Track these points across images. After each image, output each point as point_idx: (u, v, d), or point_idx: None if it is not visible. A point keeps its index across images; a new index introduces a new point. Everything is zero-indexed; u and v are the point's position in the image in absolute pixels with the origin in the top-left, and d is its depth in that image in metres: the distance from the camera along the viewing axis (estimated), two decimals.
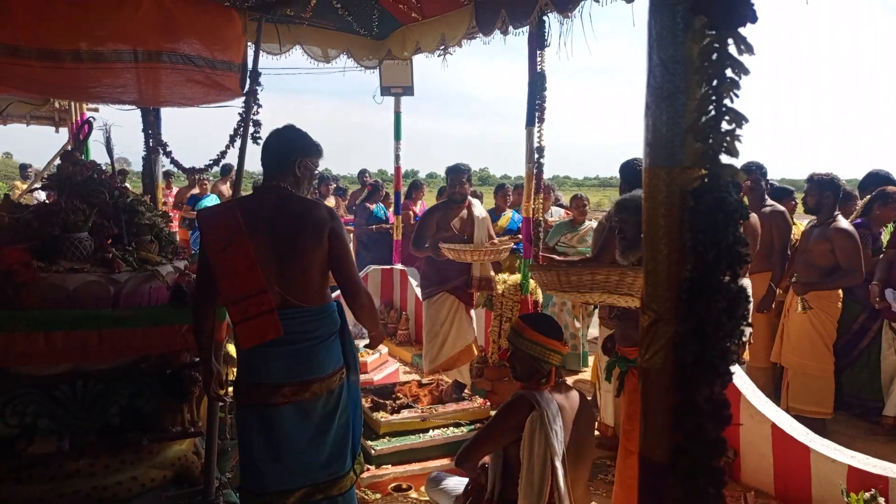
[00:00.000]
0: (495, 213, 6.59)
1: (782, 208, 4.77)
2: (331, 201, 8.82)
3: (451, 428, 3.67)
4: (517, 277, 5.02)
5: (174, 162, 3.75)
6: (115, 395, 2.78)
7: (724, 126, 0.82)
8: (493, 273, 4.84)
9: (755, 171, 4.70)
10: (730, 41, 0.80)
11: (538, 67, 4.81)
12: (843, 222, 4.25)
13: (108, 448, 2.70)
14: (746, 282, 4.55)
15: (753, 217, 4.58)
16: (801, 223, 5.14)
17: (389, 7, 5.92)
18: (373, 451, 3.41)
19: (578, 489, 2.36)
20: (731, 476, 3.54)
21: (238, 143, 3.14)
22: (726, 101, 0.82)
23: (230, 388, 3.83)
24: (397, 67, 6.38)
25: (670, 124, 0.87)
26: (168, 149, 3.82)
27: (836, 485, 2.99)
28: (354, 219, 8.50)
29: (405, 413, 3.67)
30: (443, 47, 5.71)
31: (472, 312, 4.85)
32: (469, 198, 4.75)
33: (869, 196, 4.74)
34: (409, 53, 6.15)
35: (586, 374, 5.56)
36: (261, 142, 3.26)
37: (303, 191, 2.53)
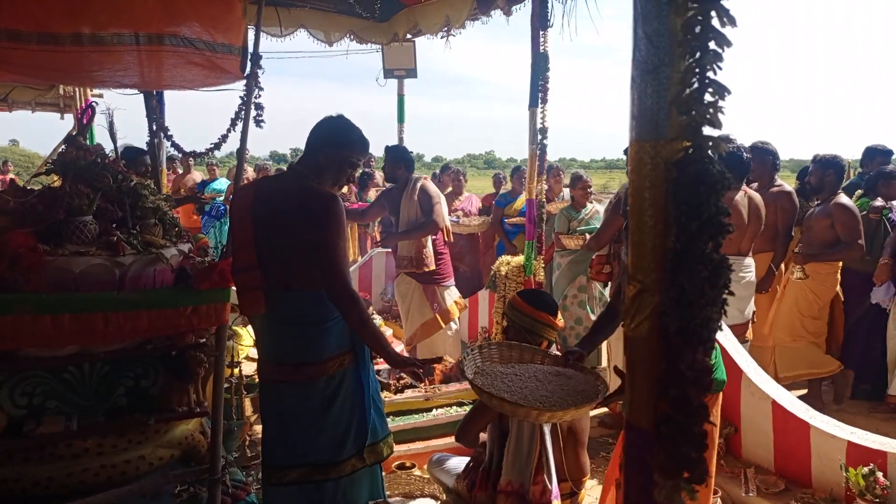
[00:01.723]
0: (510, 196, 6.57)
1: (789, 189, 4.74)
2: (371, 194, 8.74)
3: (455, 407, 3.71)
4: (520, 259, 5.04)
5: (175, 146, 3.77)
6: (122, 376, 2.83)
7: (708, 98, 0.83)
8: (423, 252, 4.80)
9: (762, 151, 4.67)
10: (713, 14, 0.81)
11: (541, 48, 4.78)
12: (844, 198, 4.26)
13: (116, 428, 2.76)
14: (749, 261, 4.57)
15: (758, 197, 4.58)
16: None
17: None
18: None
19: (571, 457, 2.40)
20: (732, 452, 3.58)
21: (239, 126, 3.16)
22: (709, 74, 0.83)
23: (236, 370, 3.91)
24: (400, 50, 6.36)
25: (655, 97, 0.88)
26: (169, 133, 3.83)
27: (836, 460, 3.02)
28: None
29: (409, 393, 3.71)
30: (446, 29, 5.69)
31: (443, 290, 4.91)
32: (413, 179, 4.83)
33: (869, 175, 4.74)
34: (412, 35, 6.12)
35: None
36: (263, 125, 3.30)
37: (326, 180, 2.52)
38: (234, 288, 2.62)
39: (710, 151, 0.83)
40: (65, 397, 2.70)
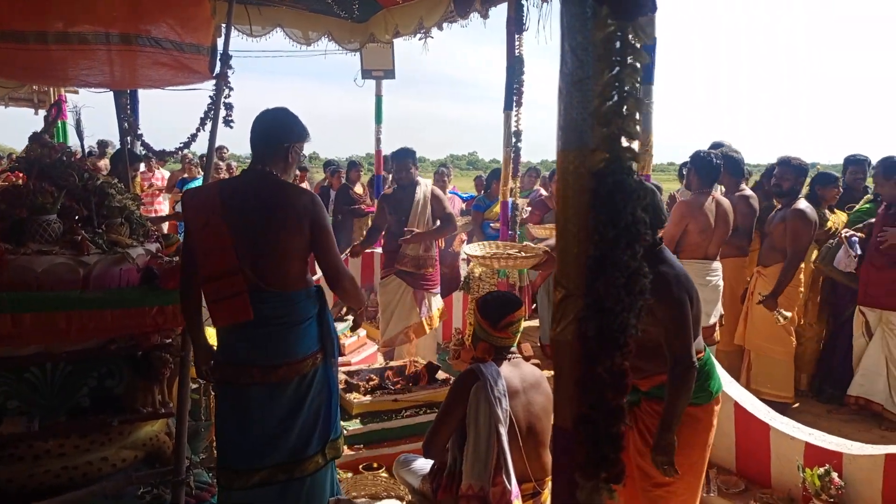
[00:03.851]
0: (489, 199, 6.61)
1: (749, 193, 4.83)
2: (358, 189, 8.75)
3: (424, 409, 3.73)
4: None
5: (145, 145, 3.75)
6: (85, 376, 2.82)
7: (626, 110, 0.86)
8: (429, 254, 4.88)
9: (726, 155, 4.75)
10: (630, 30, 0.84)
11: (516, 51, 4.83)
12: (802, 204, 4.34)
13: (79, 429, 2.74)
14: (717, 265, 4.65)
15: (726, 202, 4.66)
16: (840, 213, 5.02)
17: None
18: (345, 432, 3.46)
19: (533, 457, 2.42)
20: None
21: (209, 126, 3.15)
22: (627, 87, 0.86)
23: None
24: (378, 50, 6.37)
25: (580, 109, 0.91)
26: (140, 132, 3.81)
27: (794, 461, 3.09)
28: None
29: (378, 394, 3.72)
30: (423, 30, 5.72)
31: (431, 297, 4.95)
32: (422, 182, 4.90)
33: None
34: (389, 36, 6.13)
35: None
36: (233, 125, 3.29)
37: (290, 175, 2.54)
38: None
39: (627, 163, 0.86)
40: (26, 397, 2.68)
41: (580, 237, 0.92)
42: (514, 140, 4.86)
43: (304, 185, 8.85)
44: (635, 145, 0.87)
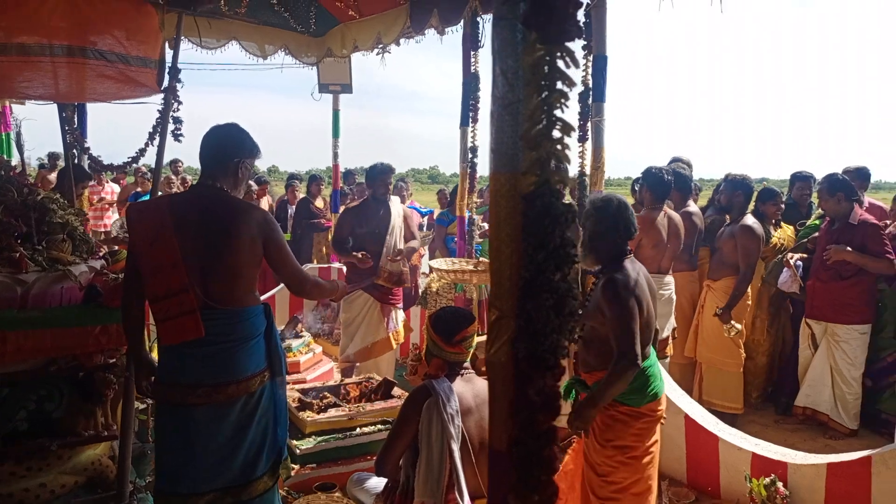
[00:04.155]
0: (452, 214, 6.61)
1: (693, 210, 4.96)
2: (263, 203, 8.66)
3: (379, 426, 3.69)
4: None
5: (92, 159, 3.65)
6: (23, 399, 2.71)
7: (556, 134, 0.87)
8: (404, 268, 4.89)
9: (675, 172, 4.86)
10: (559, 55, 0.86)
11: (472, 68, 4.89)
12: (749, 219, 4.47)
13: (15, 455, 2.63)
14: (669, 279, 4.74)
15: (677, 217, 4.77)
16: (787, 227, 5.14)
17: (327, 4, 5.88)
18: (297, 451, 3.41)
19: (486, 472, 2.41)
20: None
21: (157, 140, 3.09)
22: (557, 112, 0.87)
23: None
24: (336, 65, 6.36)
25: (510, 132, 0.92)
26: (87, 145, 3.71)
27: (741, 471, 3.15)
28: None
29: (332, 412, 3.67)
30: (380, 46, 5.73)
31: (396, 311, 4.93)
32: (393, 199, 4.94)
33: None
34: (347, 51, 6.13)
35: None
36: (182, 139, 3.23)
37: (240, 192, 2.52)
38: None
39: (556, 186, 0.87)
40: None
41: (512, 259, 0.92)
42: (470, 156, 4.90)
43: (265, 198, 8.73)
44: (587, 163, 0.88)
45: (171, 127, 3.06)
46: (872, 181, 5.74)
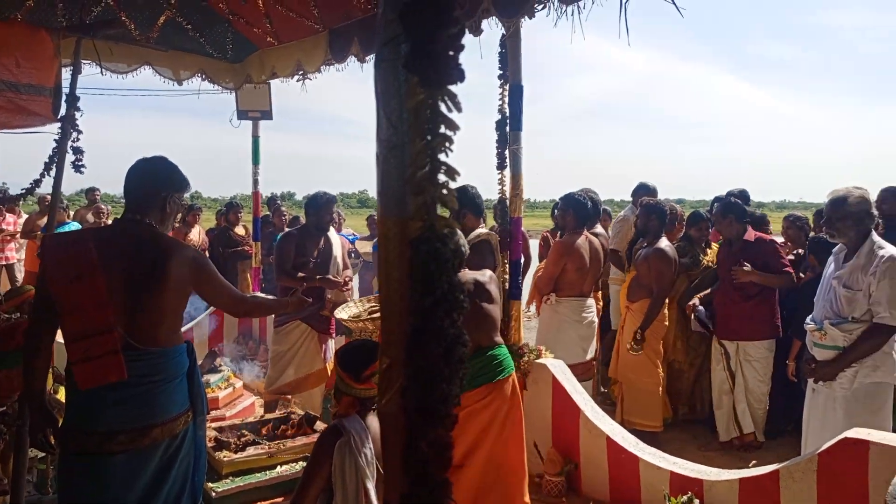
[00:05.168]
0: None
1: (601, 231, 5.20)
2: (194, 233, 8.36)
3: (301, 462, 3.56)
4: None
5: None
6: None
7: (441, 178, 0.86)
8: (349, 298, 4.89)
9: (590, 197, 5.01)
10: (441, 100, 0.85)
11: None
12: (663, 243, 4.63)
13: None
14: (591, 302, 4.85)
15: (597, 241, 4.90)
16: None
17: (244, 30, 5.79)
18: (213, 494, 3.24)
19: None
20: (574, 488, 3.71)
21: (54, 171, 2.92)
22: (441, 156, 0.86)
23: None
24: (255, 91, 6.24)
25: (396, 176, 0.90)
26: None
27: (661, 490, 3.22)
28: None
29: (250, 450, 3.52)
30: (301, 72, 5.67)
31: (331, 341, 4.84)
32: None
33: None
34: (266, 77, 6.03)
35: None
36: (84, 171, 3.07)
37: (168, 227, 2.45)
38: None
39: (442, 231, 0.85)
40: None
41: (402, 307, 0.90)
42: None
43: (196, 227, 8.45)
44: (507, 189, 0.87)
45: (70, 158, 2.90)
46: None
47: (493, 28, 3.94)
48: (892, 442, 2.61)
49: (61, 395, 3.81)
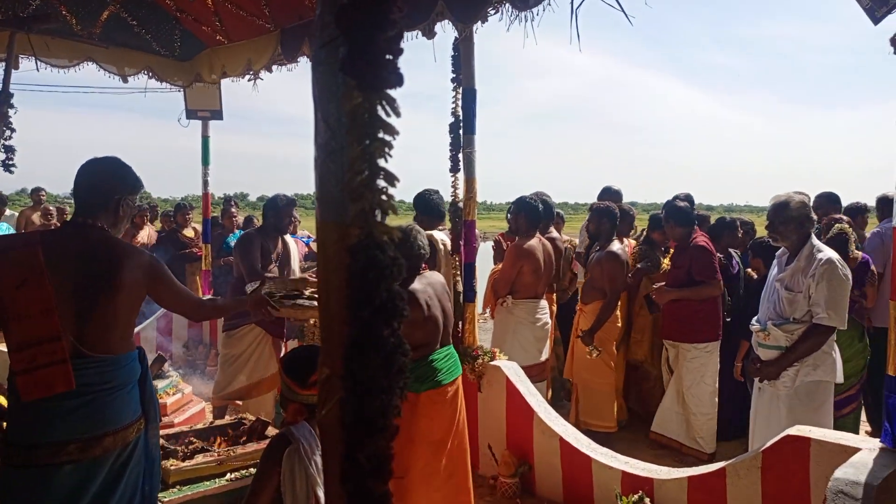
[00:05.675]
0: None
1: (555, 235, 5.31)
2: (144, 232, 8.12)
3: (252, 469, 3.48)
4: None
5: None
6: None
7: (380, 184, 0.84)
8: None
9: (543, 200, 5.05)
10: (378, 104, 0.83)
11: None
12: (615, 246, 4.66)
13: None
14: (544, 304, 4.88)
15: (549, 244, 4.95)
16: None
17: (192, 28, 5.65)
18: None
19: None
20: (528, 490, 3.73)
21: None
22: (380, 161, 0.84)
23: None
24: (204, 90, 6.10)
25: (335, 181, 0.88)
26: None
27: (612, 490, 3.26)
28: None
29: (199, 458, 3.42)
30: (251, 72, 5.57)
31: (284, 344, 4.77)
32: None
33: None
34: (216, 76, 5.91)
35: None
36: (14, 170, 2.95)
37: (120, 230, 2.37)
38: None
39: (381, 238, 0.84)
40: None
41: (341, 315, 0.87)
42: None
43: (146, 228, 8.21)
44: (460, 192, 0.85)
45: (0, 157, 2.77)
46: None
47: (446, 31, 3.94)
48: (832, 438, 2.69)
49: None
